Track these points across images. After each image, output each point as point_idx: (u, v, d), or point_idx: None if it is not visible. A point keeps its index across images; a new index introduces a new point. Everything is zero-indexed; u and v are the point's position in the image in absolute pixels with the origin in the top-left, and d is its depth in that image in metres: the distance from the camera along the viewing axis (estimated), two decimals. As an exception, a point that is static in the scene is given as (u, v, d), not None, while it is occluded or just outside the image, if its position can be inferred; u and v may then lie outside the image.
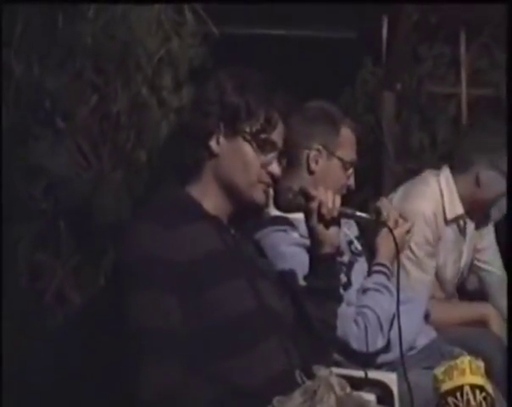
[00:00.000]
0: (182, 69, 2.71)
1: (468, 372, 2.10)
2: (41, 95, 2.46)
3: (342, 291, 2.68)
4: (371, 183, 4.32)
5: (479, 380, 2.09)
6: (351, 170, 2.90)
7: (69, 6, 2.45)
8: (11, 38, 2.38)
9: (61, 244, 2.54)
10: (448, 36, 4.89)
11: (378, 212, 2.84)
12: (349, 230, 3.01)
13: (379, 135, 4.27)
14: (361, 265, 2.88)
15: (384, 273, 2.75)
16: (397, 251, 2.51)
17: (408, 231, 2.82)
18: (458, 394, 2.05)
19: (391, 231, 2.55)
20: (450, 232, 3.41)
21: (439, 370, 2.14)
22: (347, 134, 2.89)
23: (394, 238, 2.50)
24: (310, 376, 2.12)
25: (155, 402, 1.90)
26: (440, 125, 4.92)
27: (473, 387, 2.07)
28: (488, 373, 2.19)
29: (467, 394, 2.05)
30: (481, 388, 2.07)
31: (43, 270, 2.55)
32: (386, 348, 2.70)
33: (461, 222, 3.46)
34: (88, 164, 2.53)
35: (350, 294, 2.74)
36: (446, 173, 3.45)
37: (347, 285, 2.77)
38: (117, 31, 2.52)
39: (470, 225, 3.55)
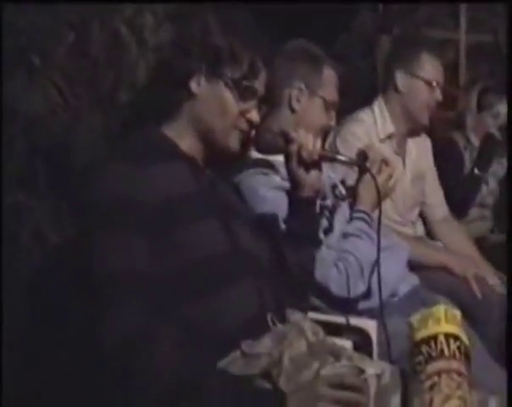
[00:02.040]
0: (162, 6, 2.65)
1: (443, 321, 2.07)
2: (17, 33, 2.40)
3: (322, 235, 2.67)
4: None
5: (454, 329, 2.06)
6: (332, 111, 2.85)
7: None
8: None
9: (38, 184, 2.49)
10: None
11: (364, 156, 2.79)
12: (334, 173, 2.97)
13: (375, 79, 4.18)
14: (344, 210, 2.84)
15: (364, 220, 2.71)
16: (379, 198, 2.48)
17: (390, 176, 2.77)
18: (432, 343, 2.02)
19: (374, 178, 2.51)
20: (386, 149, 3.42)
21: (415, 319, 2.11)
22: (329, 74, 2.84)
23: (377, 186, 2.46)
24: (284, 320, 2.11)
25: (118, 343, 1.87)
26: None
27: (447, 335, 2.04)
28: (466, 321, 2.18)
29: (441, 343, 2.02)
30: (456, 337, 2.04)
31: (20, 210, 2.50)
32: (367, 294, 2.68)
33: (395, 142, 3.53)
34: (65, 103, 2.48)
35: (331, 239, 2.71)
36: (379, 100, 3.56)
37: (329, 229, 2.74)
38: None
39: (411, 150, 3.63)
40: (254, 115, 2.19)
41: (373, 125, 3.51)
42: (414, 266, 3.07)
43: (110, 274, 1.92)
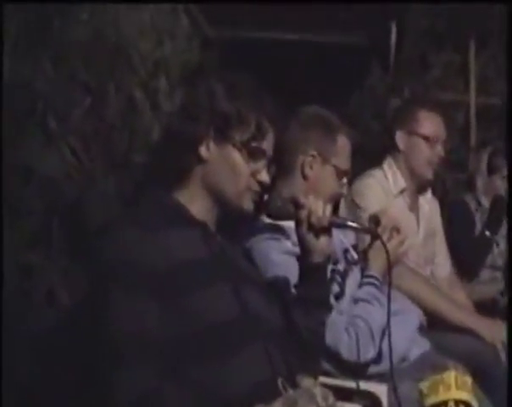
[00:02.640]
0: (175, 73, 2.70)
1: (453, 387, 2.09)
2: (34, 96, 2.44)
3: (333, 300, 2.68)
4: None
5: (464, 395, 2.08)
6: (345, 179, 2.88)
7: (63, 7, 2.42)
8: (3, 39, 2.37)
9: (52, 245, 2.52)
10: (456, 44, 4.87)
11: (376, 221, 2.81)
12: (345, 238, 2.99)
13: (386, 141, 4.22)
14: (355, 275, 2.85)
15: (375, 285, 2.71)
16: (389, 264, 2.49)
17: (401, 243, 2.78)
18: (442, 409, 2.03)
19: (384, 245, 2.51)
20: (400, 203, 3.50)
21: (425, 385, 2.13)
22: (343, 142, 2.87)
23: (387, 252, 2.47)
24: (295, 385, 2.11)
25: (131, 404, 1.89)
26: (448, 132, 4.87)
27: (458, 402, 2.05)
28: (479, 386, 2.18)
29: (451, 410, 2.02)
30: (467, 404, 2.05)
31: (33, 270, 2.53)
32: (378, 358, 2.67)
33: (408, 198, 3.57)
34: (80, 166, 2.52)
35: (342, 304, 2.72)
36: (388, 159, 3.61)
37: (340, 294, 2.75)
38: (108, 34, 2.51)
39: (424, 206, 3.65)
40: (265, 176, 2.22)
41: (385, 181, 3.55)
42: (436, 322, 3.08)
43: (121, 334, 1.95)
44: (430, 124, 3.57)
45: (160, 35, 2.71)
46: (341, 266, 2.83)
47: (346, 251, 2.95)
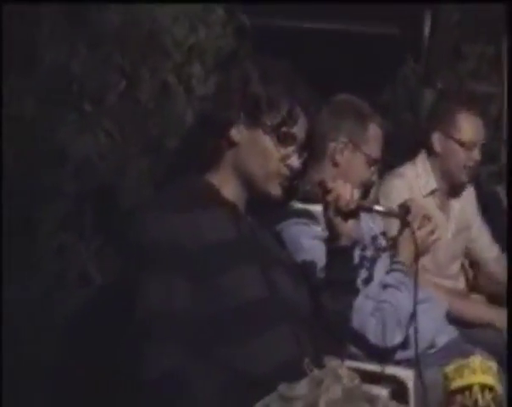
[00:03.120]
0: (209, 59, 2.74)
1: (479, 371, 2.10)
2: (69, 80, 2.49)
3: (362, 285, 2.71)
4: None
5: (489, 379, 2.09)
6: (375, 167, 2.90)
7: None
8: (40, 24, 2.42)
9: (85, 226, 2.57)
10: (490, 36, 4.85)
11: (406, 209, 2.82)
12: (375, 225, 3.01)
13: (421, 138, 4.22)
14: (384, 261, 2.87)
15: (403, 271, 2.73)
16: (417, 252, 2.51)
17: (432, 232, 2.79)
18: (467, 393, 2.06)
19: (413, 231, 2.53)
20: (429, 203, 3.46)
21: (450, 368, 2.14)
22: (374, 130, 2.90)
23: (415, 239, 2.50)
24: (321, 366, 2.14)
25: (156, 383, 1.94)
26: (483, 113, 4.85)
27: (482, 386, 2.07)
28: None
29: (476, 393, 2.05)
30: (491, 388, 2.07)
31: (67, 251, 2.58)
32: (405, 344, 2.71)
33: (438, 198, 3.55)
34: (114, 148, 2.56)
35: (371, 289, 2.75)
36: (422, 156, 3.58)
37: (369, 279, 2.78)
38: (142, 19, 2.56)
39: (454, 205, 3.62)
40: (295, 161, 2.24)
41: (415, 180, 3.53)
42: (455, 322, 3.07)
43: (152, 313, 2.00)
44: (468, 129, 3.50)
45: (194, 21, 2.75)
46: (369, 252, 2.87)
47: (375, 238, 2.98)
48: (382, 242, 3.00)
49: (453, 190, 3.63)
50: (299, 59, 4.14)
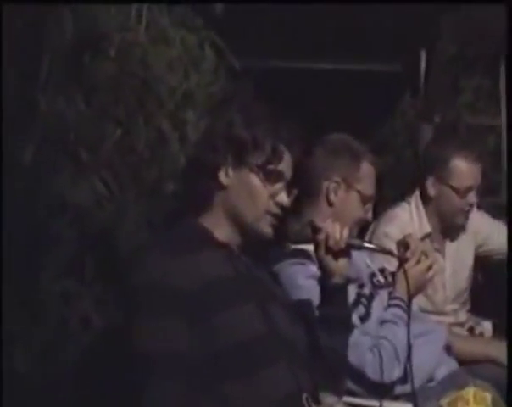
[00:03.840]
0: (201, 104, 2.80)
1: (472, 403, 2.13)
2: (66, 129, 2.56)
3: (359, 322, 2.74)
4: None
5: (482, 411, 2.11)
6: (369, 205, 2.95)
7: (91, 43, 2.54)
8: (38, 75, 2.49)
9: (85, 272, 2.62)
10: (487, 68, 4.90)
11: (405, 245, 2.87)
12: (372, 262, 3.05)
13: (417, 167, 4.27)
14: (382, 297, 2.90)
15: (400, 306, 2.76)
16: (408, 285, 2.54)
17: (429, 268, 2.83)
18: (461, 424, 2.07)
19: (401, 264, 2.57)
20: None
21: (445, 401, 2.17)
22: (367, 169, 2.95)
23: (405, 273, 2.54)
24: (318, 403, 2.18)
25: None
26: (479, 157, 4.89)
27: (476, 417, 2.08)
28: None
29: (469, 425, 2.07)
30: (485, 419, 2.09)
31: (69, 297, 2.63)
32: (404, 379, 2.70)
33: (433, 241, 3.53)
34: (111, 195, 2.62)
35: (368, 326, 2.78)
36: (416, 196, 3.57)
37: (366, 317, 2.81)
38: (135, 70, 2.63)
39: (450, 245, 3.62)
40: (283, 198, 2.29)
41: (409, 223, 3.53)
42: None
43: (150, 356, 2.04)
44: (463, 175, 3.48)
45: (187, 68, 2.81)
46: (367, 290, 2.89)
47: (373, 275, 3.01)
48: (380, 279, 3.02)
49: (449, 232, 3.64)
50: (296, 98, 4.24)
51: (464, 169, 3.48)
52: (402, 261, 2.64)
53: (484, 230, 3.75)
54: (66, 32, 2.52)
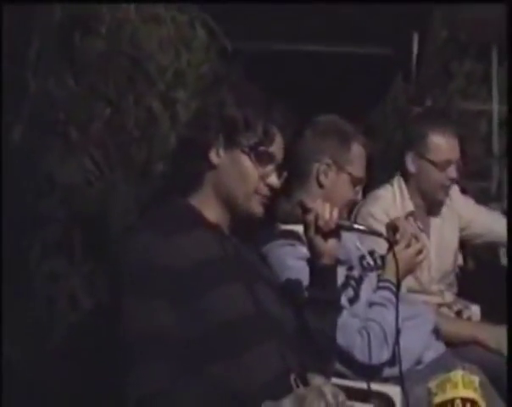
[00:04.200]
0: (193, 84, 2.79)
1: (460, 386, 2.14)
2: (56, 108, 2.55)
3: (348, 304, 2.74)
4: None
5: (471, 393, 2.13)
6: (359, 186, 2.95)
7: (82, 22, 2.54)
8: (27, 54, 2.48)
9: (74, 251, 2.62)
10: (479, 54, 4.91)
11: (394, 227, 2.87)
12: (362, 244, 3.05)
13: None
14: (372, 280, 2.90)
15: (390, 288, 2.76)
16: (397, 269, 2.56)
17: (419, 252, 2.83)
18: (449, 407, 2.08)
19: (391, 247, 2.57)
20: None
21: (433, 383, 2.17)
22: (358, 150, 2.93)
23: (394, 255, 2.54)
24: (306, 384, 2.18)
25: (142, 401, 1.98)
26: (471, 142, 4.92)
27: (464, 400, 2.10)
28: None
29: (458, 407, 2.07)
30: (473, 402, 2.10)
31: (57, 277, 2.62)
32: (392, 361, 2.70)
33: (417, 219, 3.55)
34: (101, 174, 2.61)
35: (357, 308, 2.78)
36: (398, 177, 3.60)
37: (355, 299, 2.80)
38: (126, 48, 2.62)
39: (434, 223, 3.65)
40: (274, 180, 2.30)
41: (392, 203, 3.55)
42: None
43: (138, 335, 2.04)
44: (441, 149, 3.51)
45: (178, 47, 2.81)
46: (356, 272, 2.89)
47: (362, 257, 3.01)
48: (370, 261, 3.02)
49: (432, 208, 3.65)
50: (288, 81, 4.23)
51: (441, 142, 3.50)
52: (392, 244, 2.63)
53: (467, 214, 3.76)
54: (55, 11, 2.50)
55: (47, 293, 2.63)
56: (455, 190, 3.73)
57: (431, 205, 3.64)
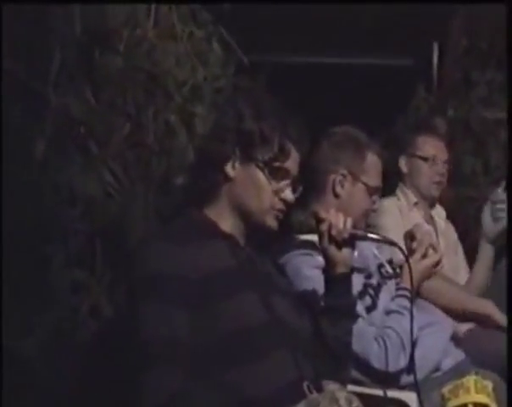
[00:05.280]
0: (210, 98, 2.85)
1: (473, 391, 2.16)
2: (76, 123, 2.62)
3: (365, 312, 2.77)
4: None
5: (483, 398, 2.15)
6: (375, 196, 2.98)
7: (101, 39, 2.60)
8: (49, 70, 2.55)
9: (95, 262, 2.68)
10: (499, 62, 4.90)
11: (411, 236, 2.90)
12: (381, 253, 3.08)
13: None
14: (390, 288, 2.93)
15: (407, 297, 2.79)
16: (411, 279, 2.59)
17: (437, 264, 2.86)
18: (461, 412, 2.10)
19: (404, 255, 2.59)
20: (416, 215, 3.78)
21: (446, 389, 2.19)
22: (372, 160, 2.97)
23: (409, 264, 2.57)
24: (321, 390, 2.22)
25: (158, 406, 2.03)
26: (492, 150, 4.92)
27: (477, 405, 2.11)
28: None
29: (470, 412, 2.10)
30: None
31: (79, 287, 2.69)
32: (410, 368, 2.71)
33: (421, 209, 3.84)
34: (120, 187, 2.67)
35: (374, 316, 2.81)
36: (400, 185, 3.92)
37: (372, 307, 2.84)
38: (144, 64, 2.68)
39: (438, 220, 3.91)
40: (289, 195, 2.34)
41: (398, 202, 3.82)
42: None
43: (154, 342, 2.09)
44: (428, 147, 3.89)
45: (195, 62, 2.86)
46: (374, 280, 2.92)
47: (381, 266, 3.03)
48: (389, 269, 3.05)
49: (430, 205, 3.91)
50: (308, 94, 4.27)
51: (428, 140, 3.93)
52: (406, 254, 2.64)
53: None
54: (75, 28, 2.57)
55: (70, 303, 2.68)
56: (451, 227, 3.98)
57: (428, 202, 3.89)
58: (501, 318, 3.32)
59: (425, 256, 2.85)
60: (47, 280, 2.65)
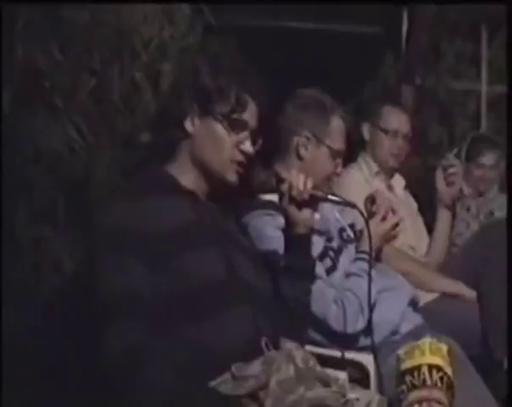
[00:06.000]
0: (176, 57, 2.84)
1: (427, 353, 2.17)
2: (42, 77, 2.60)
3: (326, 274, 2.80)
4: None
5: (437, 360, 2.16)
6: (339, 159, 3.00)
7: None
8: (14, 25, 2.53)
9: (58, 217, 2.68)
10: (469, 33, 4.93)
11: (372, 200, 2.93)
12: (343, 217, 3.10)
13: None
14: (351, 251, 2.96)
15: (365, 260, 2.81)
16: (370, 241, 2.62)
17: (396, 225, 2.89)
18: (415, 373, 2.12)
19: (365, 219, 2.61)
20: (379, 184, 3.84)
21: (402, 351, 2.21)
22: (337, 123, 2.98)
23: (367, 227, 2.59)
24: (279, 348, 2.24)
25: (117, 359, 2.04)
26: (459, 120, 4.96)
27: (430, 366, 2.14)
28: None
29: (424, 373, 2.12)
30: (439, 368, 2.14)
31: (42, 242, 2.68)
32: (368, 331, 2.74)
33: (382, 179, 3.92)
34: (84, 142, 2.67)
35: (334, 278, 2.83)
36: (361, 153, 3.99)
37: (332, 269, 2.86)
38: (111, 20, 2.67)
39: (397, 188, 4.00)
40: (248, 146, 2.36)
41: (360, 171, 3.88)
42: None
43: (113, 294, 2.10)
44: (391, 118, 3.93)
45: (162, 20, 2.86)
46: (335, 243, 2.94)
47: (342, 229, 3.05)
48: (350, 233, 3.07)
49: (389, 174, 3.96)
50: (276, 59, 4.25)
51: (391, 113, 3.95)
52: (366, 217, 2.66)
53: None
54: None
55: (32, 258, 2.68)
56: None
57: (387, 172, 3.95)
58: (471, 294, 3.46)
59: (384, 219, 2.87)
60: (8, 235, 2.64)
